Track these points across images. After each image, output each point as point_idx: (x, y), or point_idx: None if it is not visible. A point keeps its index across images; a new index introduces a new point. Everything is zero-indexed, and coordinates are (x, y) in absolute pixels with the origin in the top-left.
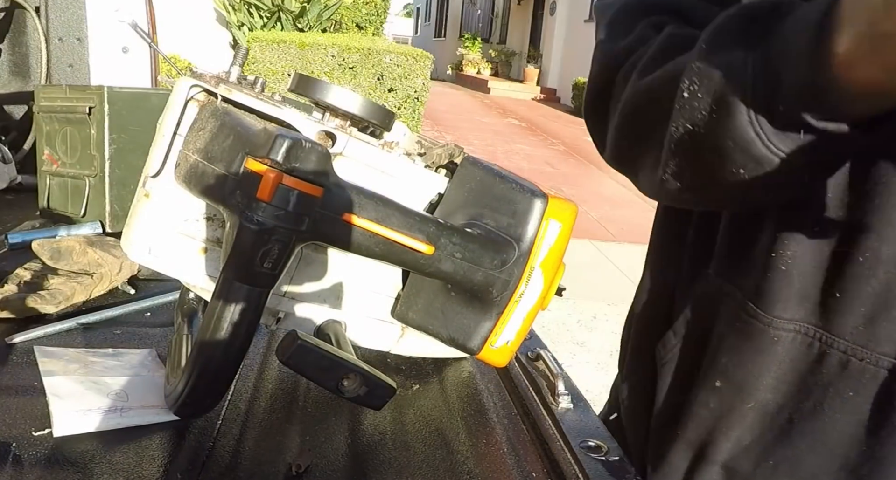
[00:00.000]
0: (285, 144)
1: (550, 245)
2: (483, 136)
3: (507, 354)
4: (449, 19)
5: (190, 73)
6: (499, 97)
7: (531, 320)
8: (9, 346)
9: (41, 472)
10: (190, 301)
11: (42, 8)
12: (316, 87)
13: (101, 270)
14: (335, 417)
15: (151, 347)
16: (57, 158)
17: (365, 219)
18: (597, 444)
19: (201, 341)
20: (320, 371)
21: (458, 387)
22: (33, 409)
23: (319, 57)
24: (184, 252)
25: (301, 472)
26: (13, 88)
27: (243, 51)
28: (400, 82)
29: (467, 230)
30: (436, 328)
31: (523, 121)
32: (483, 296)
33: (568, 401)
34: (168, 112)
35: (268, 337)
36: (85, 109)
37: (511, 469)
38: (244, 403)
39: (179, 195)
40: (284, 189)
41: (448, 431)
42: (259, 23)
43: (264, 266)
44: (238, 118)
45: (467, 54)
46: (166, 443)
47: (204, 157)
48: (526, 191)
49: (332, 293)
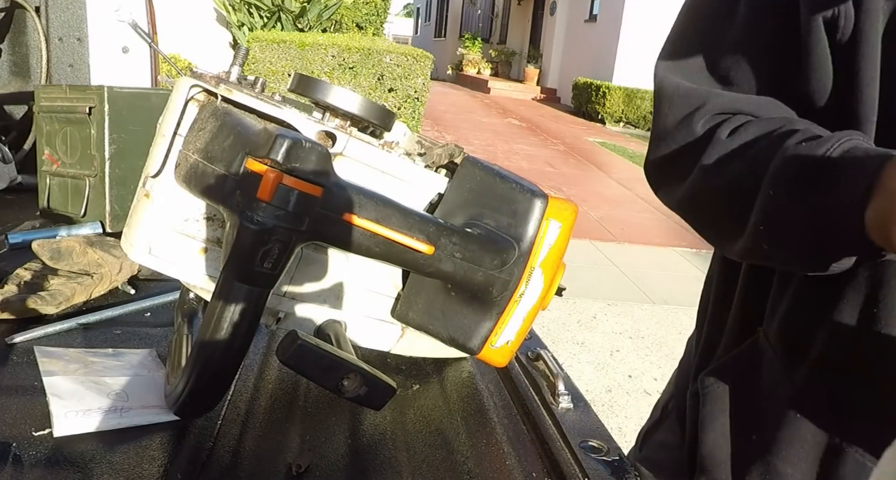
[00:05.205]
0: (285, 144)
1: (550, 245)
2: (483, 136)
3: (507, 354)
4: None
5: (190, 73)
6: (499, 97)
7: (531, 320)
8: (9, 346)
9: (41, 472)
10: (190, 301)
11: (42, 8)
12: (316, 87)
13: (101, 270)
14: (335, 417)
15: (151, 347)
16: (57, 158)
17: (365, 219)
18: (597, 444)
19: (201, 341)
20: (320, 371)
21: (458, 387)
22: (33, 409)
23: (319, 57)
24: (184, 252)
25: (301, 472)
26: (13, 88)
27: (243, 51)
28: (400, 82)
29: (467, 230)
30: (436, 328)
31: (523, 121)
32: (483, 296)
33: (568, 401)
34: (168, 112)
35: (268, 337)
36: (85, 109)
37: (511, 469)
38: (244, 403)
39: (179, 195)
40: (284, 189)
41: (448, 431)
42: (259, 23)
43: (264, 266)
44: (238, 118)
45: (467, 54)
46: (166, 443)
47: (204, 157)
48: (526, 191)
49: (333, 293)
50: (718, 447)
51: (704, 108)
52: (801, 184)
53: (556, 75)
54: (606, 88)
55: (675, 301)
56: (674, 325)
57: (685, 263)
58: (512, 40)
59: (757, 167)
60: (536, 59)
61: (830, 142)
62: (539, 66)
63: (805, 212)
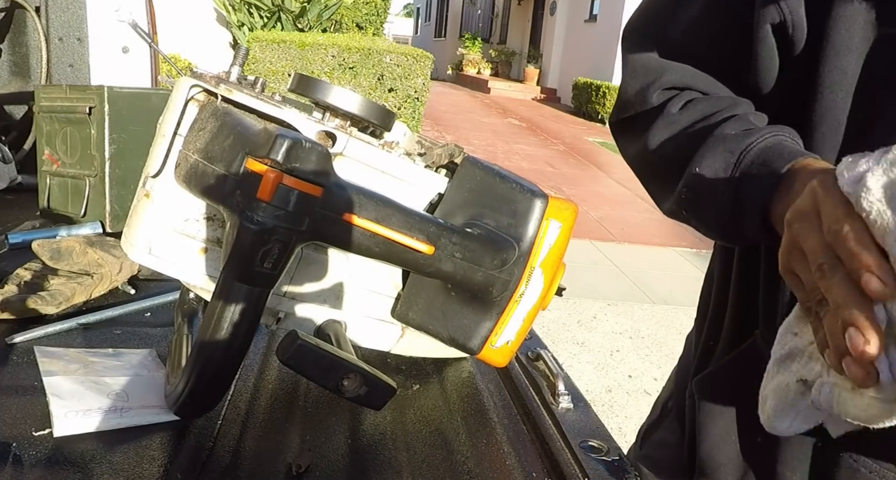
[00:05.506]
0: (285, 144)
1: (550, 245)
2: (483, 136)
3: (507, 354)
4: (449, 19)
5: (190, 73)
6: (499, 97)
7: (531, 320)
8: (9, 346)
9: (41, 472)
10: (190, 301)
11: (42, 8)
12: (316, 87)
13: (101, 270)
14: (335, 417)
15: (151, 347)
16: (57, 158)
17: (365, 219)
18: (597, 444)
19: (201, 341)
20: (320, 371)
21: (458, 387)
22: (33, 409)
23: (319, 57)
24: (184, 252)
25: (301, 472)
26: (13, 88)
27: (243, 51)
28: (400, 82)
29: (467, 230)
30: (436, 328)
31: (523, 121)
32: (483, 296)
33: (568, 401)
34: (168, 112)
35: (268, 337)
36: (85, 109)
37: (511, 469)
38: (244, 403)
39: (179, 195)
40: (284, 189)
41: (448, 431)
42: (259, 23)
43: (264, 266)
44: (238, 118)
45: (467, 54)
46: (166, 443)
47: (204, 157)
48: (526, 191)
49: (333, 293)
50: (717, 450)
51: (659, 81)
52: (719, 170)
53: (556, 75)
54: (606, 88)
55: (675, 301)
56: (674, 325)
57: (685, 263)
58: (512, 40)
59: (693, 142)
60: (536, 59)
61: (755, 136)
62: (539, 66)
63: (718, 196)
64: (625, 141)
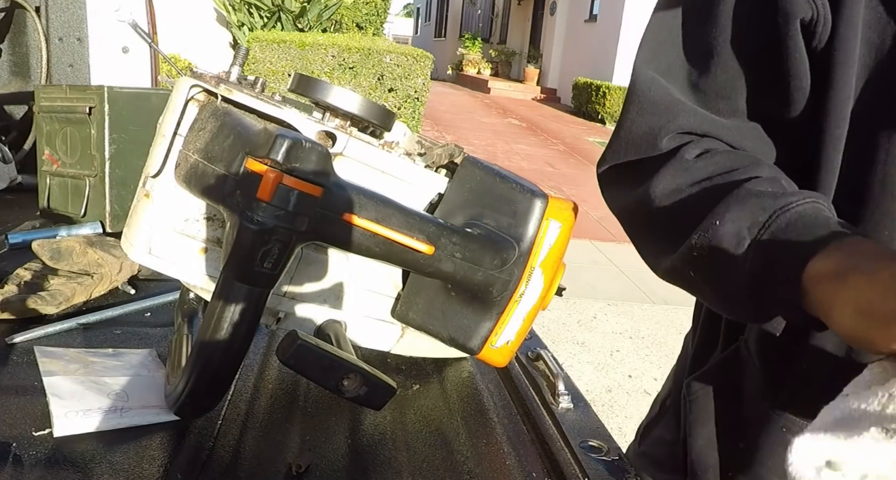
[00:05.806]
0: (285, 144)
1: (550, 245)
2: (483, 136)
3: (507, 354)
4: (449, 19)
5: (190, 73)
6: (499, 97)
7: (531, 320)
8: (9, 346)
9: (41, 472)
10: (190, 301)
11: (42, 8)
12: (316, 87)
13: (101, 270)
14: (335, 417)
15: (151, 347)
16: (57, 158)
17: (365, 219)
18: (597, 444)
19: (201, 341)
20: (320, 371)
21: (458, 387)
22: (33, 409)
23: (319, 57)
24: (184, 252)
25: (301, 472)
26: (13, 88)
27: (243, 51)
28: (400, 82)
29: (467, 230)
30: (436, 328)
31: (523, 121)
32: (483, 296)
33: (568, 401)
34: (168, 112)
35: (268, 337)
36: (85, 109)
37: (511, 469)
38: (244, 403)
39: (179, 195)
40: (284, 189)
41: (448, 431)
42: (259, 23)
43: (264, 266)
44: (238, 118)
45: (467, 54)
46: (166, 443)
47: (204, 157)
48: (526, 191)
49: (333, 293)
50: (705, 453)
51: (673, 125)
52: (743, 227)
53: (556, 75)
54: (606, 88)
55: (675, 301)
56: (674, 325)
57: None
58: (512, 40)
59: (713, 195)
60: (536, 59)
61: (794, 198)
62: (539, 66)
63: (742, 256)
64: (617, 188)
